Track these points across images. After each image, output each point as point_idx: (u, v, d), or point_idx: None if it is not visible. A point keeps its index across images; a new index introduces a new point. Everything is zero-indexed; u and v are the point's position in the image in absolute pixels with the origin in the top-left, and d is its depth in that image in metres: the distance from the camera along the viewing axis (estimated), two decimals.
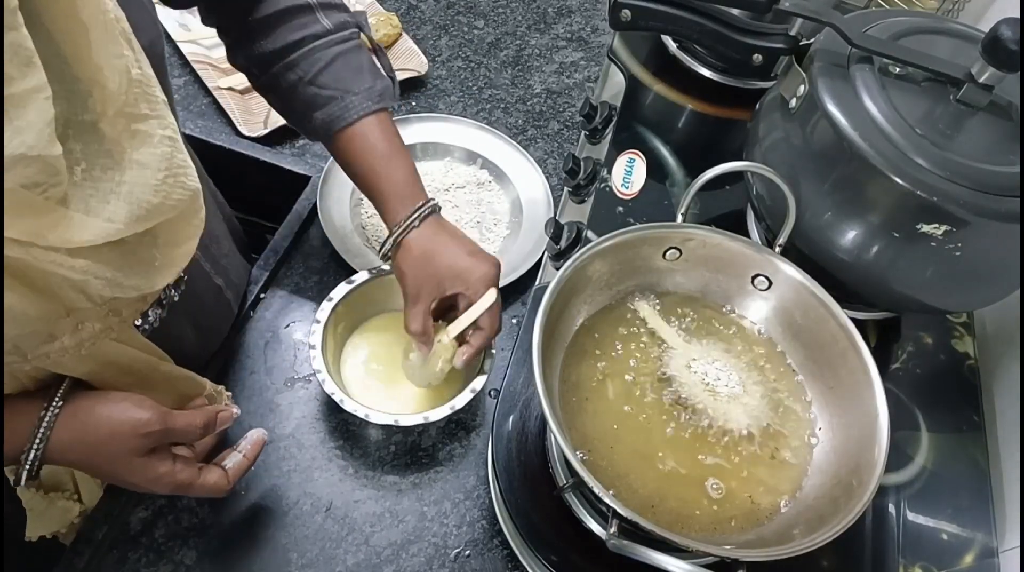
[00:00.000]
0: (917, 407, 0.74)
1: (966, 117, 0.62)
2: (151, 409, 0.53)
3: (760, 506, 0.58)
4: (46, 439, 0.50)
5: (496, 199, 0.91)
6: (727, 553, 0.50)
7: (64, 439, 0.51)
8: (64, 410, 0.51)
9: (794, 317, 0.65)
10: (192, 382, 0.61)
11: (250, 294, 0.77)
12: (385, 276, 0.72)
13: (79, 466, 0.55)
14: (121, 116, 0.43)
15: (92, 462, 0.53)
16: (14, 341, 0.46)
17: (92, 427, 0.52)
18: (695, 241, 0.65)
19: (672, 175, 0.87)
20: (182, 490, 0.56)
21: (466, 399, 0.66)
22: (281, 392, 0.72)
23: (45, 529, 0.61)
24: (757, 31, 0.73)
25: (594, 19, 1.16)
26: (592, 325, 0.65)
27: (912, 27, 0.67)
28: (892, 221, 0.62)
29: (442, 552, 0.65)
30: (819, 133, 0.64)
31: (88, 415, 0.52)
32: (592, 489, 0.50)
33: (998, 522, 0.68)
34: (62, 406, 0.51)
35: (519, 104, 1.02)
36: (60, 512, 0.61)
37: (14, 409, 0.50)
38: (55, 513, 0.61)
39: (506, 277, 0.80)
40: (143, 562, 0.62)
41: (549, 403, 0.52)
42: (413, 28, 1.10)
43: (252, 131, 0.91)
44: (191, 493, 0.56)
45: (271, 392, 0.72)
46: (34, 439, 0.50)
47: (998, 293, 0.67)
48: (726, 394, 0.62)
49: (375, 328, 0.74)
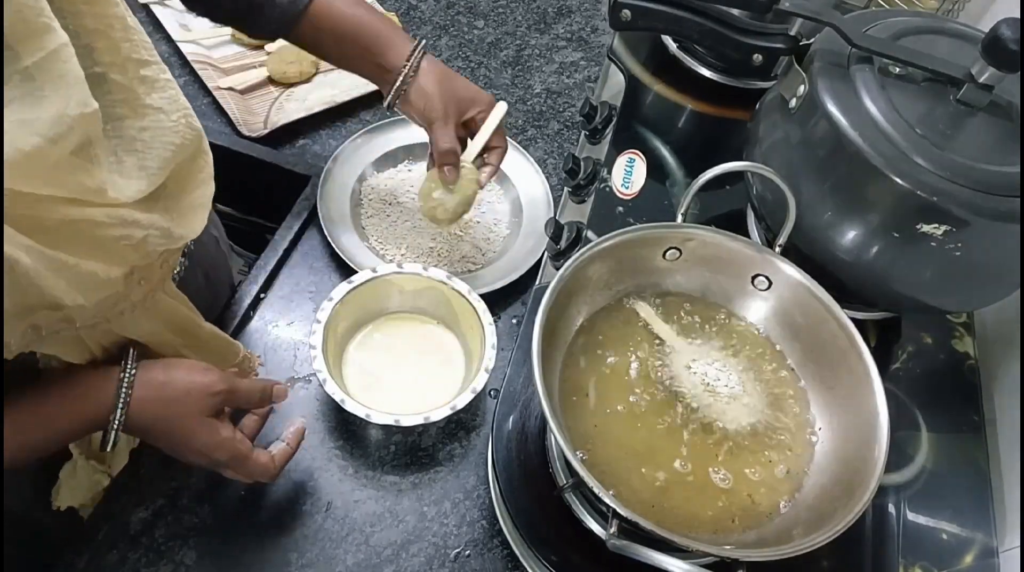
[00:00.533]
0: (917, 407, 0.74)
1: (966, 117, 0.62)
2: (217, 372, 0.58)
3: (760, 506, 0.58)
4: (128, 397, 0.53)
5: (496, 199, 0.91)
6: (727, 553, 0.50)
7: (143, 397, 0.54)
8: (139, 372, 0.54)
9: (794, 317, 0.65)
10: (229, 345, 0.64)
11: (250, 294, 0.77)
12: (386, 276, 0.72)
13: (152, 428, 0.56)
14: (129, 62, 0.44)
15: (167, 419, 0.56)
16: (96, 306, 0.48)
17: (169, 387, 0.55)
18: (695, 241, 0.65)
19: (672, 175, 0.87)
20: (238, 461, 0.58)
21: (467, 399, 0.66)
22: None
23: (75, 500, 0.63)
24: (757, 31, 0.73)
25: (594, 19, 1.16)
26: (592, 325, 0.65)
27: (912, 27, 0.67)
28: (892, 221, 0.62)
29: (442, 552, 0.65)
30: (819, 133, 0.64)
31: (164, 375, 0.55)
32: (592, 489, 0.50)
33: (998, 522, 0.68)
34: (137, 369, 0.54)
35: (519, 104, 1.02)
36: (92, 483, 0.64)
37: (91, 377, 0.54)
38: (88, 484, 0.64)
39: (506, 277, 0.80)
40: (143, 562, 0.62)
41: (549, 403, 0.52)
42: (413, 28, 1.10)
43: (252, 131, 0.91)
44: (244, 468, 0.58)
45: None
46: (118, 398, 0.53)
47: (998, 293, 0.67)
48: (726, 394, 0.62)
49: (376, 328, 0.74)
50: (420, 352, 0.74)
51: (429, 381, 0.72)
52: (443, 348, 0.74)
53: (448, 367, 0.73)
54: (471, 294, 0.71)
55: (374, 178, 0.89)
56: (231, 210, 1.07)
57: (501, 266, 0.83)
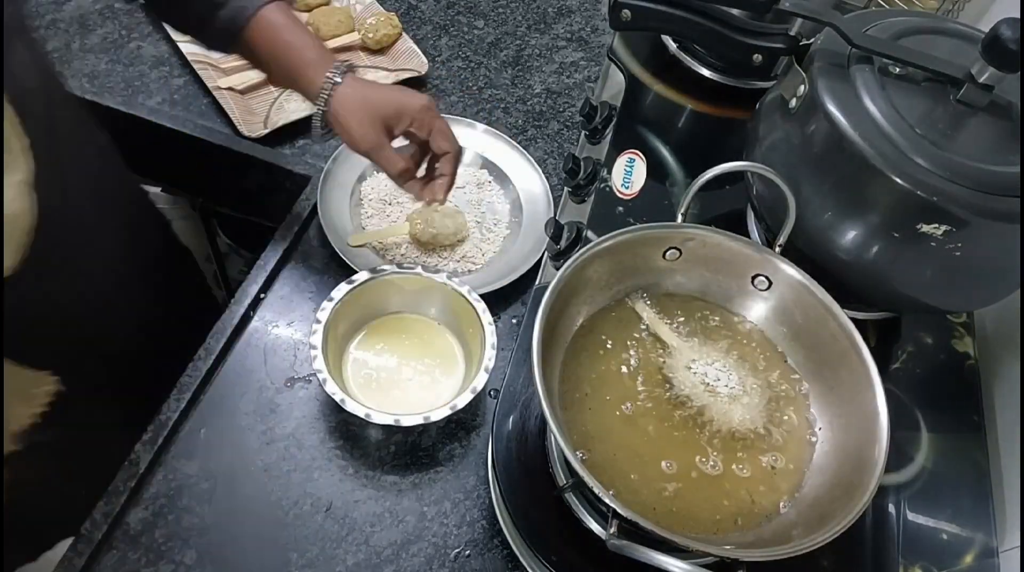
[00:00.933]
0: (917, 407, 0.74)
1: (966, 117, 0.62)
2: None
3: (760, 506, 0.58)
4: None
5: (496, 199, 0.91)
6: (727, 553, 0.50)
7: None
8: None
9: (794, 317, 0.65)
10: None
11: (249, 294, 0.77)
12: (386, 276, 0.72)
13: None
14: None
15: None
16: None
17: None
18: (695, 241, 0.65)
19: (672, 175, 0.87)
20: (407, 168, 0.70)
21: (467, 399, 0.66)
22: (281, 392, 0.72)
23: None
24: (757, 31, 0.73)
25: (594, 19, 1.16)
26: (592, 325, 0.65)
27: (912, 27, 0.67)
28: (892, 221, 0.62)
29: (442, 552, 0.65)
30: (819, 133, 0.64)
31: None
32: (592, 489, 0.50)
33: (998, 522, 0.68)
34: None
35: (519, 104, 1.02)
36: None
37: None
38: None
39: (506, 277, 0.80)
40: (143, 562, 0.62)
41: (549, 403, 0.52)
42: (413, 28, 1.10)
43: (252, 131, 0.91)
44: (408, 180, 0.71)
45: (271, 392, 0.72)
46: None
47: (998, 293, 0.67)
48: (726, 394, 0.62)
49: (376, 328, 0.75)
50: (420, 352, 0.74)
51: (429, 381, 0.72)
52: (443, 348, 0.74)
53: (448, 367, 0.73)
54: (471, 294, 0.71)
55: (374, 178, 0.89)
56: (231, 210, 1.07)
57: (501, 266, 0.83)
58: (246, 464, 0.67)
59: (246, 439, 0.69)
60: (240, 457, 0.68)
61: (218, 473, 0.67)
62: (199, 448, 0.68)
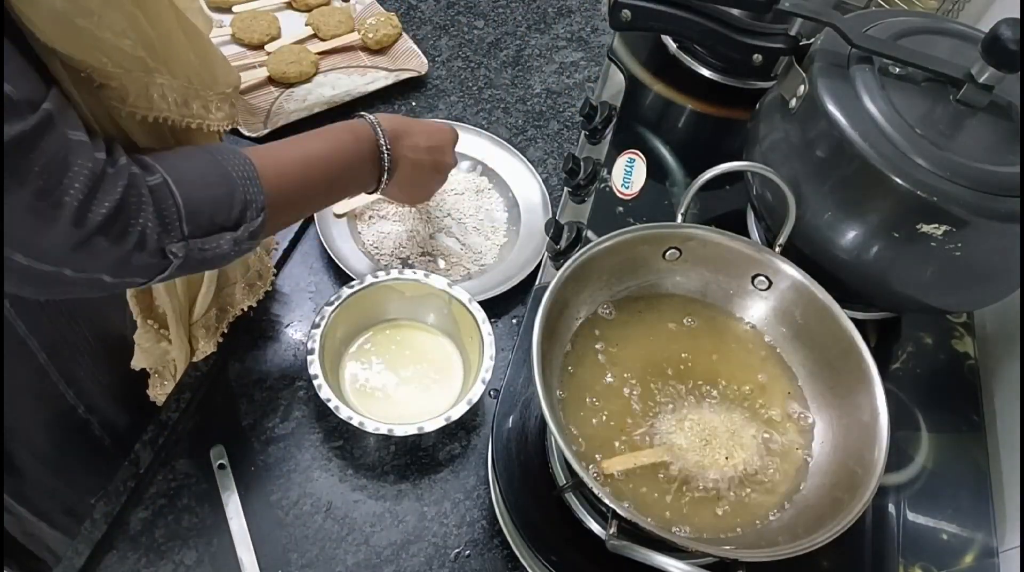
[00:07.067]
0: (917, 407, 0.74)
1: (966, 117, 0.62)
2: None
3: (760, 506, 0.58)
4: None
5: (495, 207, 0.90)
6: (727, 553, 0.50)
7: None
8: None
9: (794, 317, 0.65)
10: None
11: None
12: (386, 282, 0.72)
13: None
14: None
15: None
16: None
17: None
18: (695, 241, 0.65)
19: (672, 175, 0.87)
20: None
21: (462, 411, 0.66)
22: (281, 392, 0.72)
23: (146, 362, 0.73)
24: (757, 31, 0.73)
25: (594, 19, 1.16)
26: (592, 325, 0.65)
27: (912, 27, 0.67)
28: (892, 221, 0.62)
29: (442, 552, 0.65)
30: (819, 133, 0.64)
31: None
32: (592, 489, 0.50)
33: (998, 522, 0.68)
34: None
35: (519, 104, 1.02)
36: (161, 351, 0.71)
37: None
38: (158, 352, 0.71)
39: (503, 285, 0.80)
40: (143, 562, 0.62)
41: (549, 403, 0.52)
42: (413, 28, 1.10)
43: (252, 131, 0.91)
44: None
45: (271, 392, 0.72)
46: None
47: (998, 293, 0.67)
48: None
49: (374, 335, 0.74)
50: (418, 359, 0.73)
51: (426, 389, 0.72)
52: (441, 356, 0.74)
53: (446, 375, 0.73)
54: (471, 303, 0.71)
55: None
56: None
57: (499, 274, 0.82)
58: (246, 464, 0.67)
59: (246, 439, 0.69)
60: (240, 457, 0.68)
61: (216, 473, 0.67)
62: (199, 448, 0.68)
